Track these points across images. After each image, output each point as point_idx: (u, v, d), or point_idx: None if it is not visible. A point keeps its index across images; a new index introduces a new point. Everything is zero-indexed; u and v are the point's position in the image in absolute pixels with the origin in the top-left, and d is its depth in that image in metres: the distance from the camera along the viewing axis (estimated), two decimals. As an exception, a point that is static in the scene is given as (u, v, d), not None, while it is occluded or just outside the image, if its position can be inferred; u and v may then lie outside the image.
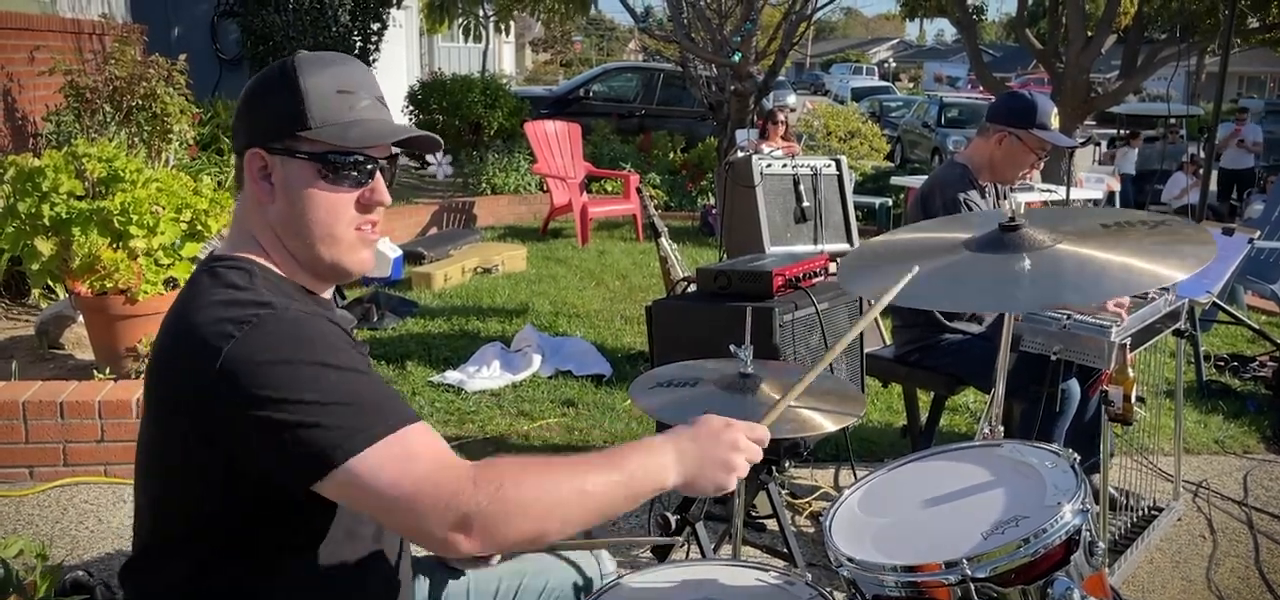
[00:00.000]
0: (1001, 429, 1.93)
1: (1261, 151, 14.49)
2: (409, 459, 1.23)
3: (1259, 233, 5.45)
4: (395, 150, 1.47)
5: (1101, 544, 1.49)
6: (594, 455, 1.35)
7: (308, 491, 1.25)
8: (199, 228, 4.58)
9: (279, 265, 1.43)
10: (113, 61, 6.56)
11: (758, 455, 1.47)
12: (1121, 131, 15.95)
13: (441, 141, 1.61)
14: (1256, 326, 5.78)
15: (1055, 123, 3.31)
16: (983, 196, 3.34)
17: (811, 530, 3.43)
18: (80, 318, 4.77)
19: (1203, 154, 8.50)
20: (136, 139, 6.41)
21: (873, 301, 1.71)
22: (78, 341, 4.86)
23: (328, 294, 1.51)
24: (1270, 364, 5.24)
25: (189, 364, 1.28)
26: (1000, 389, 1.94)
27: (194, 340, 1.27)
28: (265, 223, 1.42)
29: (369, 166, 1.42)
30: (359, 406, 1.24)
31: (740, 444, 1.44)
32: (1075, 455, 1.60)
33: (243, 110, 1.43)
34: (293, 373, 1.23)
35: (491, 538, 1.23)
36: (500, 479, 1.24)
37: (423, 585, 1.70)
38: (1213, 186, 8.77)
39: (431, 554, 1.78)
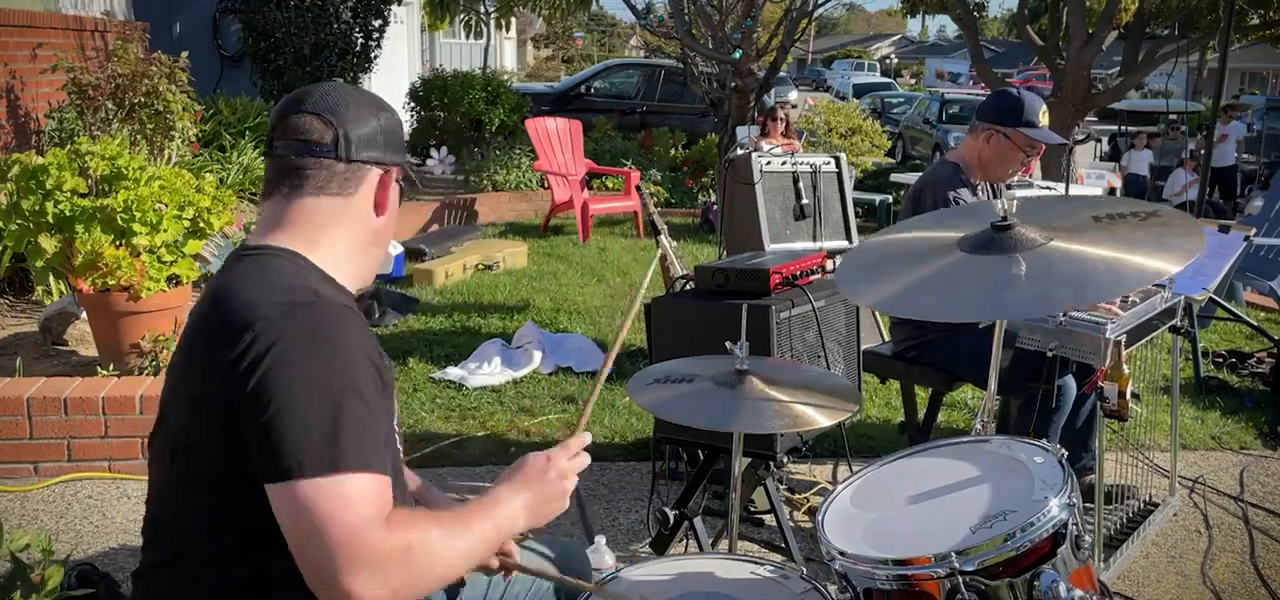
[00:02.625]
0: (993, 425, 1.95)
1: (1242, 149, 14.41)
2: (346, 503, 1.25)
3: (1256, 229, 5.48)
4: None
5: (1088, 538, 1.52)
6: (471, 512, 1.44)
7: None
8: (201, 225, 4.61)
9: (328, 262, 1.48)
10: (115, 59, 6.59)
11: (584, 463, 1.60)
12: (1123, 128, 15.95)
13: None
14: (1254, 323, 5.80)
15: (1044, 120, 3.32)
16: (974, 195, 3.36)
17: (809, 525, 3.45)
18: (84, 314, 4.80)
19: (1202, 150, 8.51)
20: (139, 136, 6.44)
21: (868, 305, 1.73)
22: (81, 338, 4.89)
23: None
24: (1268, 360, 5.26)
25: (227, 327, 1.32)
26: (993, 385, 1.96)
27: (235, 307, 1.33)
28: (354, 229, 1.51)
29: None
30: (337, 431, 1.26)
31: (566, 471, 1.57)
32: (1063, 451, 1.62)
33: (381, 128, 1.52)
34: (308, 370, 1.28)
35: (388, 597, 1.27)
36: (408, 544, 1.29)
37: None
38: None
39: None
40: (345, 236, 1.50)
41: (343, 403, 1.28)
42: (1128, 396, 2.82)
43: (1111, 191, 10.32)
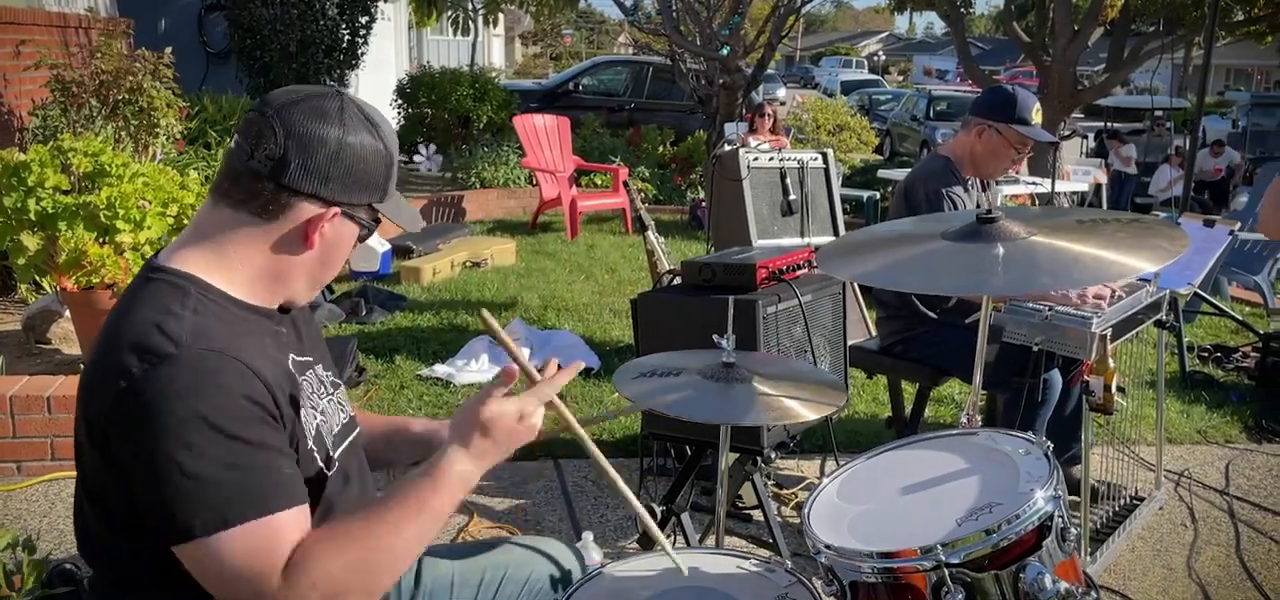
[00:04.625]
0: (979, 419, 1.95)
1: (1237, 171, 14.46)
2: (249, 554, 1.24)
3: (1241, 224, 5.50)
4: None
5: (1074, 530, 1.52)
6: (397, 503, 1.34)
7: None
8: (185, 222, 4.58)
9: (239, 284, 1.38)
10: (99, 55, 6.54)
11: (552, 391, 1.52)
12: (1109, 124, 16.03)
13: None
14: (1239, 317, 5.84)
15: (1037, 117, 3.32)
16: (966, 190, 3.36)
17: (797, 520, 3.45)
18: (67, 312, 4.77)
19: (1187, 147, 8.55)
20: (123, 133, 6.39)
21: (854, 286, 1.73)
22: (65, 336, 4.86)
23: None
24: (1253, 355, 5.29)
25: (101, 381, 1.27)
26: (978, 379, 1.96)
27: (110, 359, 1.27)
28: (268, 257, 1.38)
29: None
30: (224, 484, 1.23)
31: (526, 409, 1.48)
32: (1049, 443, 1.62)
33: (331, 159, 1.35)
34: (178, 429, 1.22)
35: None
36: (312, 582, 1.25)
37: (407, 574, 1.71)
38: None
39: None
40: (257, 261, 1.38)
41: (214, 457, 1.23)
42: (1113, 390, 2.83)
43: (1098, 187, 10.34)
